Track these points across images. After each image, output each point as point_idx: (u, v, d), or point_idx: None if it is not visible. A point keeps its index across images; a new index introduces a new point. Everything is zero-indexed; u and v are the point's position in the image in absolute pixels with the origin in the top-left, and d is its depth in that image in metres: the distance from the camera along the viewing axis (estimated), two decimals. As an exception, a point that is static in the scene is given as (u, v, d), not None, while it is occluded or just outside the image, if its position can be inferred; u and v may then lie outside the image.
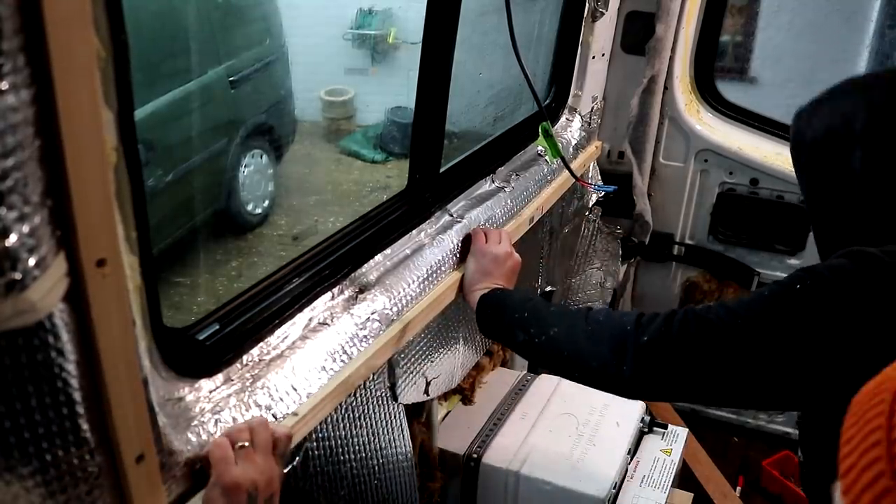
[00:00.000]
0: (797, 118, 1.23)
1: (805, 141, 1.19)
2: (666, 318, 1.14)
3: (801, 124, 1.21)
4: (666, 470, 1.89)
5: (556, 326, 1.29)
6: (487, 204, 1.84)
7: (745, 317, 1.07)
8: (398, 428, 1.51)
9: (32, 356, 0.71)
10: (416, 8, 1.81)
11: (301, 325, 1.30)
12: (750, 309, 1.08)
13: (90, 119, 0.71)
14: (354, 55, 6.58)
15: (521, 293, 1.45)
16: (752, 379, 1.08)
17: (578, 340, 1.24)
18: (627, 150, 2.53)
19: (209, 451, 0.98)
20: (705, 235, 2.63)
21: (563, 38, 2.24)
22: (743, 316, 1.07)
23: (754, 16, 3.12)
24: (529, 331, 1.32)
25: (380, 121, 6.25)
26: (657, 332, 1.14)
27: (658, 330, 1.14)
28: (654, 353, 1.13)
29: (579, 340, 1.24)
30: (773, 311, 1.05)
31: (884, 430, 0.47)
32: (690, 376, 1.11)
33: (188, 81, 3.80)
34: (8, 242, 0.66)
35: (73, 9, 0.66)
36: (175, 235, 3.77)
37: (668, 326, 1.13)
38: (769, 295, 1.08)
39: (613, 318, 1.22)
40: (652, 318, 1.16)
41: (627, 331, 1.17)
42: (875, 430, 0.48)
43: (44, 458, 0.75)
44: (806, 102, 1.24)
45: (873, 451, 0.47)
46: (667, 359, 1.12)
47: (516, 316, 1.36)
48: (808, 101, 1.23)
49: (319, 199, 5.36)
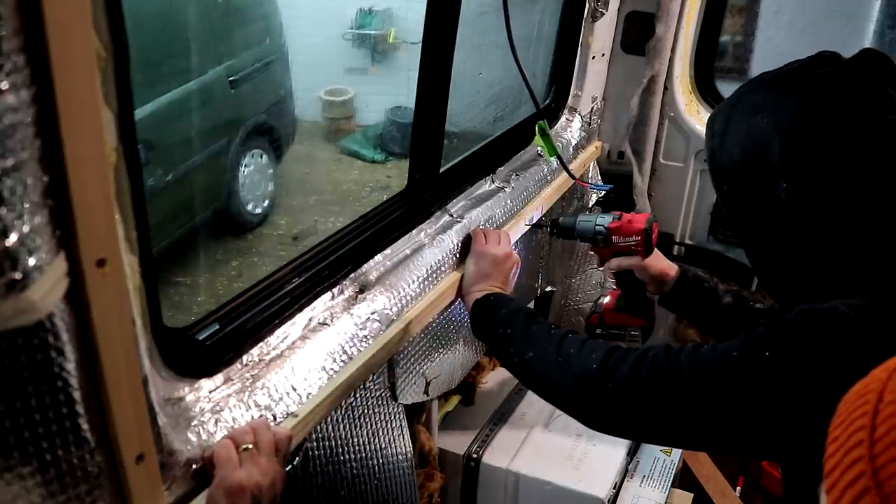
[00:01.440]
0: (710, 134, 1.15)
1: (724, 167, 1.12)
2: (634, 364, 1.09)
3: (715, 144, 1.14)
4: (666, 470, 1.90)
5: (531, 350, 1.26)
6: (487, 204, 1.84)
7: (711, 375, 1.02)
8: (398, 428, 1.51)
9: (32, 356, 0.71)
10: (416, 8, 1.81)
11: (301, 325, 1.30)
12: (717, 368, 1.02)
13: (90, 119, 0.71)
14: (354, 55, 6.58)
15: (510, 306, 1.40)
16: (715, 434, 1.04)
17: (549, 370, 1.21)
18: (627, 150, 2.53)
19: (214, 453, 0.98)
20: (705, 235, 2.63)
21: (563, 38, 2.24)
22: (709, 374, 1.02)
23: (754, 16, 3.12)
24: (509, 349, 1.31)
25: (380, 121, 6.25)
26: (623, 378, 1.09)
27: (624, 376, 1.09)
28: (617, 399, 1.10)
29: (549, 371, 1.21)
30: (740, 377, 0.99)
31: (867, 430, 0.47)
32: (654, 423, 1.08)
33: (188, 81, 3.80)
34: (8, 242, 0.66)
35: (73, 9, 0.66)
36: (175, 235, 3.78)
37: (635, 373, 1.08)
38: (738, 357, 1.01)
39: (582, 355, 1.17)
40: (620, 359, 1.12)
41: (594, 370, 1.12)
42: (858, 430, 0.48)
43: (44, 457, 0.75)
44: (717, 108, 1.17)
45: (856, 450, 0.47)
46: (630, 405, 1.09)
47: (500, 331, 1.35)
48: (718, 110, 1.16)
49: (319, 199, 5.36)
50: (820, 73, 1.02)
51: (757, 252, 1.16)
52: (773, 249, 1.11)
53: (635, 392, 1.08)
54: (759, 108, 1.06)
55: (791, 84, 1.04)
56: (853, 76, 0.99)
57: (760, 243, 1.14)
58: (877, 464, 0.45)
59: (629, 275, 1.59)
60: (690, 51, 2.47)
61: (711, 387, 1.01)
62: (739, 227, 1.16)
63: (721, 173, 1.14)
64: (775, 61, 1.13)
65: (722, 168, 1.13)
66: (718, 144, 1.13)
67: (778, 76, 1.08)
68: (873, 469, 0.45)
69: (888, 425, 0.46)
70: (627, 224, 1.55)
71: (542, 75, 2.30)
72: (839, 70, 1.01)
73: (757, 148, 1.05)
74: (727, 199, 1.15)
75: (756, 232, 1.12)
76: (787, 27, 3.10)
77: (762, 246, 1.14)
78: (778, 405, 0.97)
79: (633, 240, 1.54)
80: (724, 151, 1.12)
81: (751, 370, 0.99)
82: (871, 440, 0.46)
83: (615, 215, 1.58)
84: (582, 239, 1.62)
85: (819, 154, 0.99)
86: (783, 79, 1.06)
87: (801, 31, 3.08)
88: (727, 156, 1.11)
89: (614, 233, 1.56)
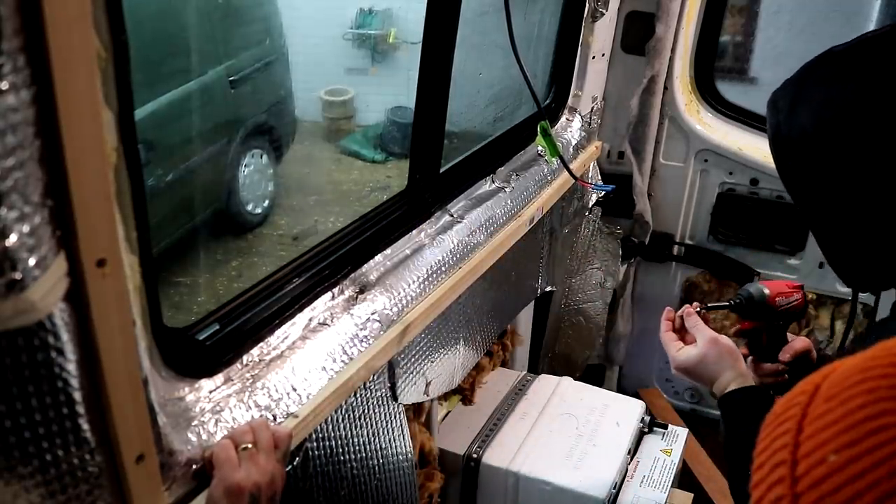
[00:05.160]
0: (774, 110, 1.07)
1: (792, 140, 1.03)
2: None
3: (781, 119, 1.05)
4: (666, 470, 1.89)
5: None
6: (487, 204, 1.84)
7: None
8: (398, 428, 1.51)
9: (32, 356, 0.71)
10: (416, 8, 1.81)
11: (301, 325, 1.30)
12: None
13: (90, 119, 0.71)
14: (354, 55, 6.57)
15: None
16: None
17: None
18: (627, 150, 2.53)
19: (213, 454, 0.98)
20: (705, 235, 2.63)
21: (563, 38, 2.23)
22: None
23: (754, 16, 3.12)
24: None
25: (380, 121, 6.24)
26: None
27: None
28: None
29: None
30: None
31: (787, 465, 0.45)
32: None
33: (188, 81, 3.79)
34: (8, 242, 0.66)
35: (73, 9, 0.66)
36: (175, 235, 3.77)
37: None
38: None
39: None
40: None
41: None
42: (779, 464, 0.46)
43: (44, 457, 0.75)
44: (780, 87, 1.07)
45: (778, 487, 0.45)
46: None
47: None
48: (782, 87, 1.07)
49: (319, 199, 5.36)
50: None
51: (823, 226, 1.07)
52: (844, 222, 1.02)
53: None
54: (835, 78, 1.00)
55: (874, 50, 0.98)
56: None
57: (829, 216, 1.04)
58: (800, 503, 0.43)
59: (804, 362, 1.34)
60: (690, 51, 2.47)
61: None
62: (805, 201, 1.07)
63: (787, 147, 1.05)
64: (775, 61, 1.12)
65: (789, 141, 1.04)
66: (785, 118, 1.04)
67: (854, 46, 1.01)
68: (793, 493, 0.43)
69: (809, 462, 0.44)
70: (782, 284, 1.34)
71: (542, 75, 2.30)
72: None
73: (839, 115, 0.98)
74: (792, 173, 1.06)
75: (826, 204, 1.03)
76: (787, 27, 3.11)
77: (831, 219, 1.04)
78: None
79: (795, 298, 1.33)
80: (792, 124, 1.03)
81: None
82: (793, 477, 0.44)
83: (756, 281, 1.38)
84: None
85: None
86: (862, 47, 1.00)
87: (801, 31, 3.08)
88: (797, 128, 1.02)
89: (777, 294, 1.33)
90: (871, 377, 0.45)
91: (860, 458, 0.41)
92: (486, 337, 1.93)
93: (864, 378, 0.45)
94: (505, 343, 2.27)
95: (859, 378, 0.45)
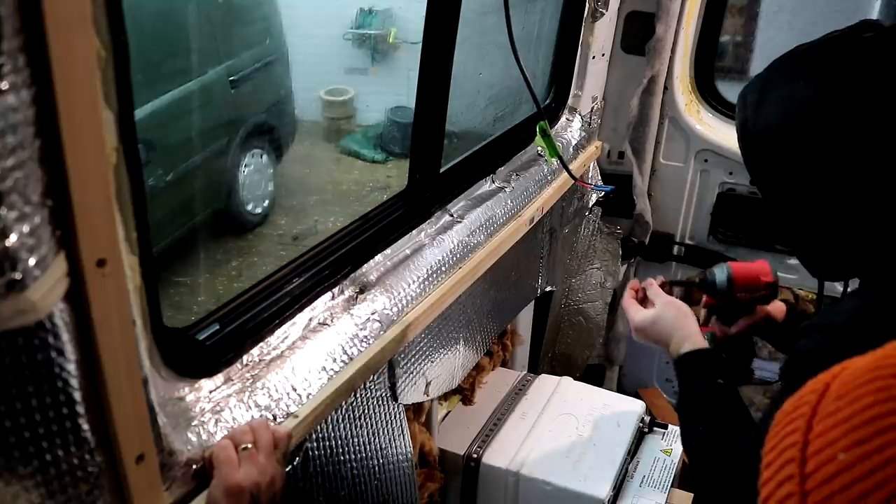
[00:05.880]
0: (742, 106, 1.11)
1: (757, 135, 1.08)
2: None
3: (748, 114, 1.09)
4: (666, 470, 1.89)
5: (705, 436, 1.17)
6: (487, 204, 1.84)
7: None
8: (398, 428, 1.51)
9: (32, 356, 0.71)
10: (416, 8, 1.81)
11: (301, 325, 1.30)
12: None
13: (90, 119, 0.71)
14: (354, 55, 6.57)
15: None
16: None
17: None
18: (627, 150, 2.53)
19: (213, 454, 0.98)
20: (705, 235, 2.63)
21: (563, 38, 2.23)
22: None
23: (754, 16, 3.12)
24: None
25: (380, 121, 6.24)
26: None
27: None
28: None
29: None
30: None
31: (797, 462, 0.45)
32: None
33: (188, 81, 3.79)
34: (8, 242, 0.66)
35: (73, 9, 0.66)
36: (175, 235, 3.77)
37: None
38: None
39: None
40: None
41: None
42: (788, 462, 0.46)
43: (44, 458, 0.75)
44: (748, 84, 1.12)
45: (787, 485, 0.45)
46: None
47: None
48: (751, 83, 1.11)
49: (319, 199, 5.36)
50: (866, 37, 1.00)
51: (787, 219, 1.11)
52: (805, 213, 1.07)
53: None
54: (798, 75, 1.03)
55: (834, 50, 1.02)
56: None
57: (791, 208, 1.09)
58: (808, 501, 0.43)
59: (749, 329, 1.44)
60: (690, 51, 2.47)
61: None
62: (769, 193, 1.11)
63: (753, 142, 1.09)
64: (775, 61, 1.13)
65: (755, 137, 1.09)
66: (752, 114, 1.09)
67: (817, 45, 1.05)
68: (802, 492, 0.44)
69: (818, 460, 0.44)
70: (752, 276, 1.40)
71: (542, 75, 2.30)
72: (887, 34, 0.99)
73: (799, 112, 1.01)
74: (757, 166, 1.10)
75: (788, 197, 1.08)
76: (787, 27, 3.10)
77: (794, 211, 1.09)
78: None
79: (762, 293, 1.40)
80: (758, 119, 1.07)
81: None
82: (802, 475, 0.44)
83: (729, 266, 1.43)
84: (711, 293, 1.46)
85: (868, 115, 0.97)
86: (825, 46, 1.04)
87: (801, 31, 3.08)
88: (762, 123, 1.07)
89: (741, 289, 1.40)
90: (881, 376, 0.45)
91: (869, 456, 0.41)
92: (486, 337, 1.93)
93: (874, 377, 0.45)
94: (505, 343, 2.27)
95: (869, 377, 0.45)
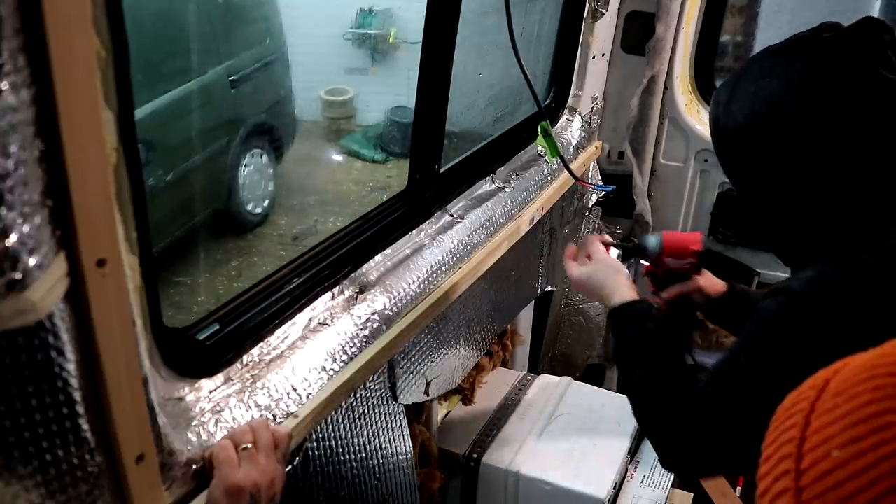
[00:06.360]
0: (715, 103, 1.18)
1: (728, 130, 1.15)
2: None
3: (720, 111, 1.16)
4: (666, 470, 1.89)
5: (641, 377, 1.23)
6: (487, 204, 1.84)
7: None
8: (398, 428, 1.51)
9: (32, 356, 0.71)
10: (416, 8, 1.81)
11: (301, 325, 1.30)
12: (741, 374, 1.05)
13: (90, 119, 0.71)
14: (354, 55, 6.57)
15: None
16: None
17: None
18: (627, 150, 2.53)
19: (213, 454, 0.98)
20: (705, 235, 2.63)
21: (563, 38, 2.23)
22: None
23: (754, 16, 3.12)
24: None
25: (380, 121, 6.24)
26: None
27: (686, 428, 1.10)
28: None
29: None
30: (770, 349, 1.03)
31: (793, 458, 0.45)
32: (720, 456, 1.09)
33: (188, 81, 3.79)
34: (8, 242, 0.66)
35: (73, 9, 0.66)
36: (175, 235, 3.77)
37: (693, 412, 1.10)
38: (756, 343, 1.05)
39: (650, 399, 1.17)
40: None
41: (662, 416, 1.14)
42: (785, 458, 0.46)
43: (44, 458, 0.75)
44: (723, 82, 1.20)
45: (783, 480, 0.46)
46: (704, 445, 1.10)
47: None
48: (724, 83, 1.19)
49: (319, 199, 5.35)
50: (825, 37, 1.07)
51: (756, 208, 1.19)
52: (773, 203, 1.14)
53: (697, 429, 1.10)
54: (766, 73, 1.10)
55: (798, 49, 1.09)
56: (856, 39, 1.06)
57: (760, 199, 1.16)
58: (803, 497, 0.44)
59: (684, 301, 1.53)
60: (690, 51, 2.47)
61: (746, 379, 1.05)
62: (740, 185, 1.19)
63: (724, 137, 1.17)
64: (775, 61, 1.15)
65: (725, 132, 1.16)
66: (724, 110, 1.16)
67: (784, 45, 1.13)
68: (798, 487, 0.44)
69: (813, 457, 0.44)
70: (681, 244, 1.48)
71: (542, 75, 2.30)
72: (843, 34, 1.07)
73: (765, 109, 1.09)
74: (728, 159, 1.17)
75: (757, 189, 1.15)
76: (787, 27, 3.10)
77: (762, 201, 1.16)
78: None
79: (689, 261, 1.48)
80: (729, 115, 1.14)
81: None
82: (798, 471, 0.45)
83: (661, 233, 1.51)
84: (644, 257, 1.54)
85: (827, 110, 1.04)
86: (790, 46, 1.11)
87: (801, 31, 3.07)
88: (732, 119, 1.14)
89: (669, 254, 1.48)
90: (879, 374, 0.45)
91: (863, 454, 0.42)
92: (486, 337, 1.93)
93: (872, 375, 0.45)
94: (505, 343, 2.27)
95: (868, 375, 0.45)
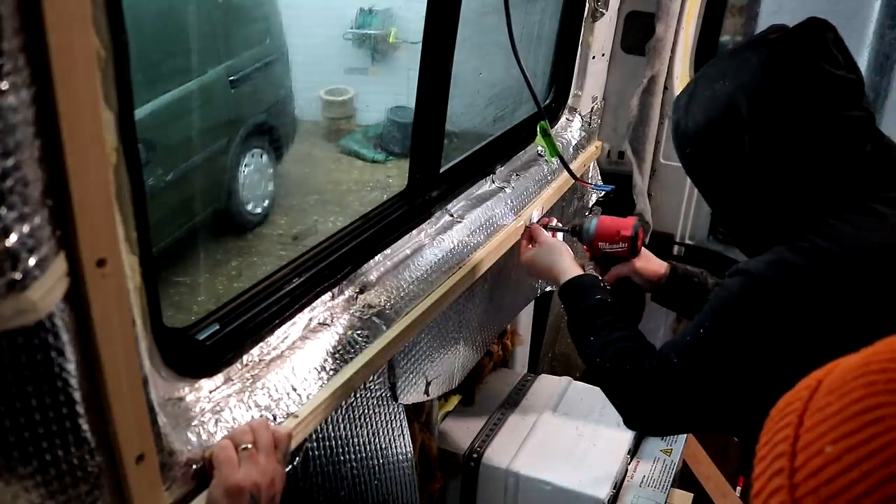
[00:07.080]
0: (675, 109, 1.26)
1: (688, 133, 1.22)
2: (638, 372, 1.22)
3: (679, 115, 1.24)
4: (666, 470, 1.90)
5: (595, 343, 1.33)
6: (487, 204, 1.83)
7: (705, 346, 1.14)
8: (398, 428, 1.51)
9: (32, 356, 0.71)
10: (416, 8, 1.81)
11: (301, 325, 1.30)
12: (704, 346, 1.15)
13: (90, 119, 0.71)
14: (354, 55, 6.57)
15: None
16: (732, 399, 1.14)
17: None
18: (627, 150, 2.53)
19: (213, 454, 0.98)
20: (705, 235, 2.63)
21: (563, 38, 2.23)
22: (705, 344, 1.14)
23: (754, 16, 3.12)
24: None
25: (380, 121, 6.24)
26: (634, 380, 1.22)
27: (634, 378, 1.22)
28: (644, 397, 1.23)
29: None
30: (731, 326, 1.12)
31: (787, 457, 0.46)
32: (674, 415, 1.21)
33: (188, 81, 3.79)
34: (8, 242, 0.66)
35: (73, 9, 0.66)
36: (175, 235, 3.77)
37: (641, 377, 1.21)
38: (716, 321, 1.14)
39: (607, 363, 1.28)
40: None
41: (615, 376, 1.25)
42: (780, 456, 0.47)
43: (44, 458, 0.75)
44: (685, 86, 1.27)
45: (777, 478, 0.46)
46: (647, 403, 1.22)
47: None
48: (684, 89, 1.26)
49: (319, 199, 5.35)
50: (772, 38, 1.14)
51: (720, 204, 1.26)
52: (735, 198, 1.21)
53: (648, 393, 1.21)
54: (720, 76, 1.18)
55: (747, 51, 1.17)
56: (801, 38, 1.13)
57: (723, 195, 1.23)
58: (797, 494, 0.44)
59: (627, 282, 1.64)
60: (690, 51, 2.47)
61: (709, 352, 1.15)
62: (703, 184, 1.26)
63: (684, 138, 1.23)
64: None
65: (686, 134, 1.23)
66: (683, 114, 1.23)
67: (735, 48, 1.22)
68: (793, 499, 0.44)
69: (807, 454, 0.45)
70: (612, 229, 1.59)
71: (542, 75, 2.30)
72: (789, 34, 1.14)
73: (720, 109, 1.16)
74: (690, 160, 1.24)
75: (719, 186, 1.23)
76: (787, 27, 3.09)
77: (725, 197, 1.23)
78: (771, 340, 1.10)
79: (620, 246, 1.58)
80: (688, 118, 1.21)
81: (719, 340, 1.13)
82: (792, 468, 0.45)
83: (597, 217, 1.62)
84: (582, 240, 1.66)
85: (777, 106, 1.11)
86: (741, 49, 1.19)
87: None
88: (692, 121, 1.20)
89: (601, 238, 1.59)
90: (870, 371, 0.46)
91: (855, 448, 0.42)
92: (486, 337, 1.93)
93: (863, 373, 0.46)
94: (505, 343, 2.27)
95: (859, 372, 0.46)
